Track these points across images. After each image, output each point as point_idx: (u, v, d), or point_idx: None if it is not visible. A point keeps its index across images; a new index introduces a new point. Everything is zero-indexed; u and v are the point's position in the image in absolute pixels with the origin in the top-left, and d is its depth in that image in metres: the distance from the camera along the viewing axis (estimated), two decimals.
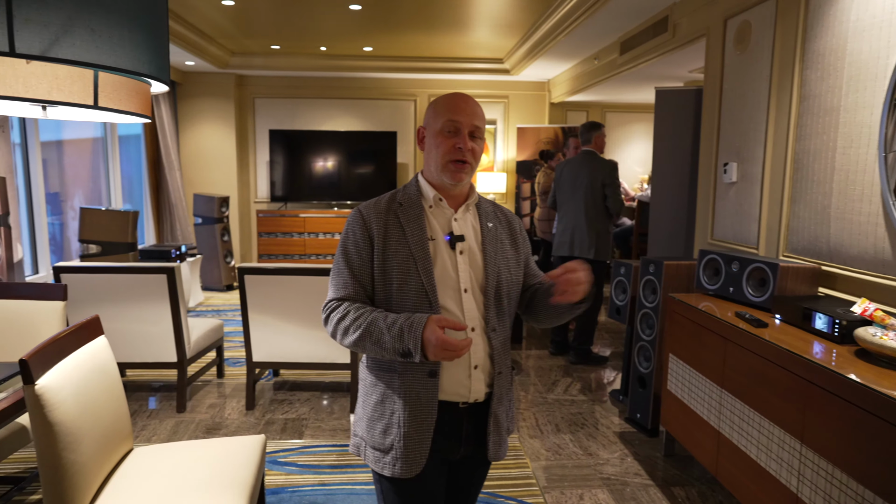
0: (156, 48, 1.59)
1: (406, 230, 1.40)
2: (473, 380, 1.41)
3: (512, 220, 1.58)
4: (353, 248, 1.42)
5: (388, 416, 1.41)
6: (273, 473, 2.78)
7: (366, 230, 1.41)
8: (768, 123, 2.98)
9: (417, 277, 1.37)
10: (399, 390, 1.39)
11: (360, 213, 1.44)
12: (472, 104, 1.42)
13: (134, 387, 3.86)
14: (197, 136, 7.45)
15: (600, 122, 4.43)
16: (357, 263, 1.41)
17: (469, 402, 1.43)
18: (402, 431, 1.38)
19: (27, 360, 1.54)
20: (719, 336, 2.43)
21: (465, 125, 1.40)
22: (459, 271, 1.41)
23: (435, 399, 1.38)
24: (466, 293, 1.41)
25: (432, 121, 1.44)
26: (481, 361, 1.43)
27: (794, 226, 2.79)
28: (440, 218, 1.45)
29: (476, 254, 1.44)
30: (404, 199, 1.45)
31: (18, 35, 1.29)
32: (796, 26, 2.75)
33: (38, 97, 1.40)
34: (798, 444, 1.93)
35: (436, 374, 1.38)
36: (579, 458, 3.00)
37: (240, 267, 3.38)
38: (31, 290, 2.53)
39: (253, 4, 5.05)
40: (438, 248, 1.41)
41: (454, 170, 1.40)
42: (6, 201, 3.75)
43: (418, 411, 1.38)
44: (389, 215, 1.42)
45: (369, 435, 1.45)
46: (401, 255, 1.38)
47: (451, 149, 1.39)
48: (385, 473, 1.41)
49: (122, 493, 1.76)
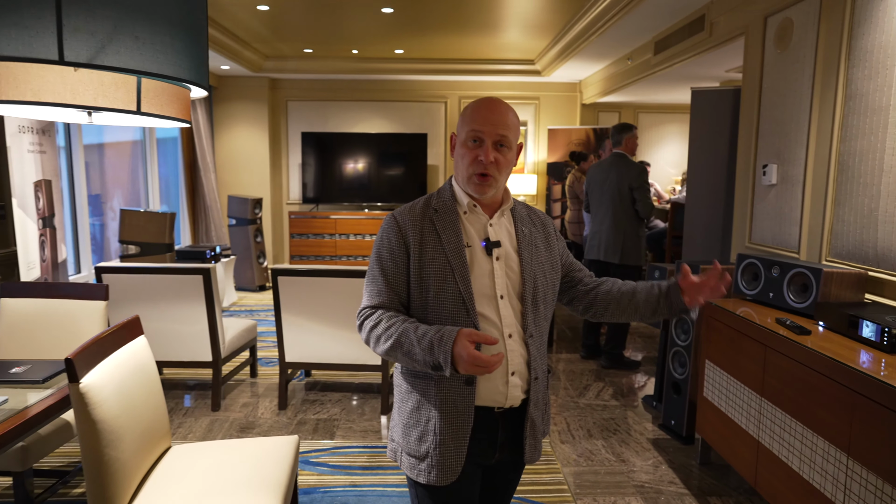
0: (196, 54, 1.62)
1: (442, 237, 1.38)
2: (510, 386, 1.40)
3: (546, 223, 1.56)
4: (387, 254, 1.40)
5: (423, 423, 1.40)
6: (305, 473, 2.81)
7: (401, 237, 1.39)
8: (811, 124, 2.89)
9: (455, 285, 1.35)
10: (435, 398, 1.38)
11: (394, 220, 1.42)
12: (498, 112, 1.37)
13: (170, 385, 3.95)
14: (231, 138, 7.60)
15: (632, 124, 4.37)
16: (392, 271, 1.40)
17: (504, 408, 1.42)
18: (438, 439, 1.37)
19: (72, 360, 1.58)
20: (759, 343, 2.36)
21: (489, 135, 1.35)
22: (496, 278, 1.39)
23: (471, 407, 1.37)
24: (503, 300, 1.39)
25: (460, 129, 1.42)
26: (518, 367, 1.41)
27: (838, 229, 2.70)
28: (475, 224, 1.43)
29: (512, 259, 1.42)
30: (439, 205, 1.43)
31: (67, 44, 1.33)
32: (842, 23, 2.66)
33: (85, 104, 1.44)
34: (844, 456, 1.86)
35: (472, 382, 1.36)
36: (612, 464, 2.96)
37: (273, 269, 3.43)
38: (75, 290, 2.61)
39: (287, 9, 5.12)
40: (475, 254, 1.39)
41: (477, 183, 1.38)
42: (51, 203, 3.87)
43: (454, 419, 1.37)
44: (425, 222, 1.40)
45: (405, 441, 1.44)
46: (438, 263, 1.36)
47: (472, 161, 1.37)
48: (420, 480, 1.40)
49: (162, 490, 1.80)
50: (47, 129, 3.84)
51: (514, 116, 1.40)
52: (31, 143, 3.66)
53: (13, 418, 1.72)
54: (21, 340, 2.56)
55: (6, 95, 1.40)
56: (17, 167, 3.52)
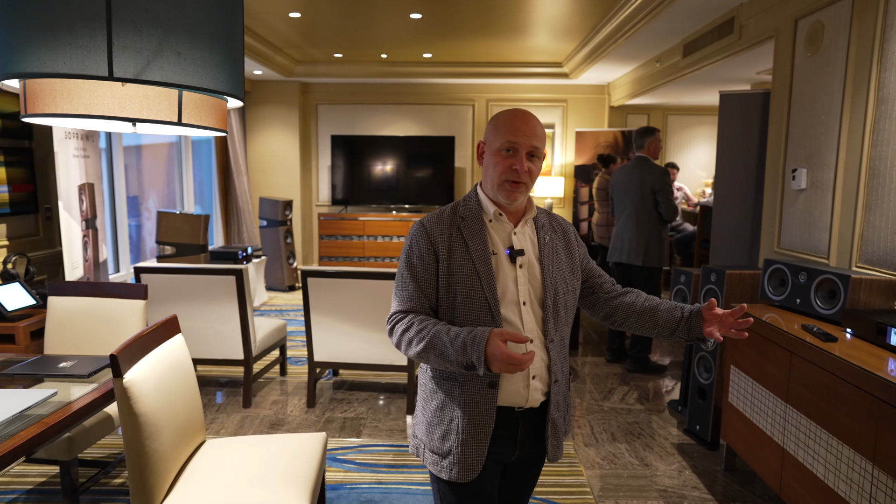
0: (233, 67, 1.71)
1: (469, 245, 1.43)
2: (531, 389, 1.45)
3: (567, 229, 1.60)
4: (417, 261, 1.45)
5: (447, 422, 1.46)
6: (332, 470, 2.89)
7: (430, 244, 1.44)
8: (841, 128, 2.86)
9: (481, 292, 1.40)
10: (459, 399, 1.44)
11: (423, 227, 1.46)
12: (531, 124, 1.43)
13: (203, 382, 4.08)
14: (263, 142, 7.78)
15: (655, 128, 4.37)
16: (422, 276, 1.44)
17: (524, 408, 1.48)
18: (461, 438, 1.43)
19: (116, 356, 1.68)
20: (784, 349, 2.35)
21: (524, 146, 1.41)
22: (519, 285, 1.44)
23: (493, 409, 1.42)
24: (525, 306, 1.44)
25: (492, 138, 1.45)
26: (539, 371, 1.46)
27: (869, 235, 2.67)
28: (500, 232, 1.48)
29: (535, 267, 1.47)
30: (466, 213, 1.48)
31: (116, 61, 1.42)
32: (874, 26, 2.63)
33: (131, 116, 1.53)
34: (870, 465, 1.85)
35: (495, 384, 1.42)
36: (635, 468, 2.96)
37: (303, 270, 3.52)
38: (117, 290, 2.73)
39: (318, 15, 5.24)
40: (500, 262, 1.44)
41: (509, 189, 1.43)
42: (94, 205, 4.05)
43: (477, 419, 1.42)
44: (453, 230, 1.45)
45: (428, 439, 1.50)
46: (465, 270, 1.42)
47: (507, 169, 1.42)
48: (443, 476, 1.47)
49: (197, 482, 1.89)
50: (91, 135, 4.01)
51: (543, 129, 1.47)
52: (76, 148, 3.83)
53: (61, 410, 1.83)
54: (67, 336, 2.70)
55: (61, 109, 1.50)
56: (63, 171, 3.69)
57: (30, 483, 2.72)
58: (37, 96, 1.52)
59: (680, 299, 3.50)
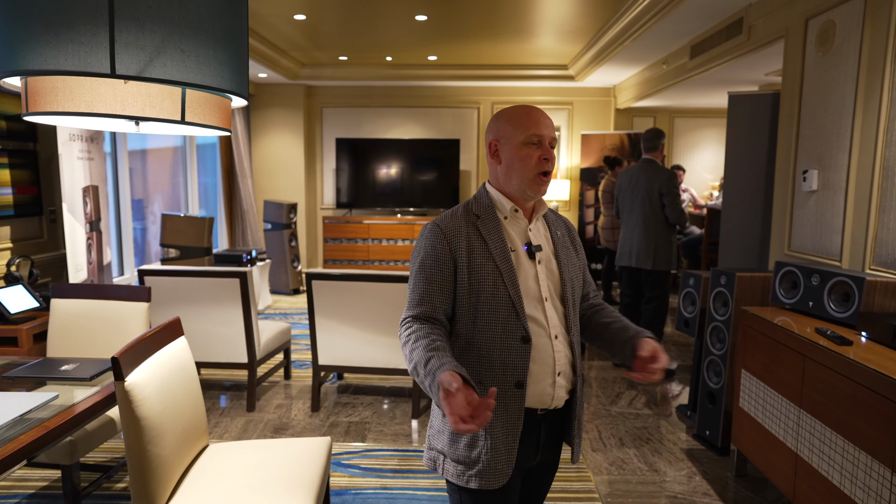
0: (237, 66, 1.68)
1: (489, 242, 1.41)
2: (557, 387, 1.43)
3: (570, 228, 1.61)
4: (432, 262, 1.40)
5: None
6: (337, 475, 2.85)
7: (447, 244, 1.40)
8: (854, 129, 2.81)
9: (504, 289, 1.38)
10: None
11: (438, 227, 1.42)
12: (546, 117, 1.45)
13: (207, 385, 4.05)
14: (268, 145, 7.77)
15: (662, 130, 4.35)
16: (437, 279, 1.40)
17: (549, 409, 1.45)
18: (490, 444, 1.38)
19: (118, 358, 1.65)
20: (797, 353, 2.30)
21: (547, 137, 1.42)
22: (540, 281, 1.43)
23: (522, 409, 1.39)
24: (547, 302, 1.43)
25: (512, 133, 1.42)
26: (564, 368, 1.45)
27: (883, 237, 2.62)
28: (516, 229, 1.46)
29: (552, 262, 1.47)
30: (480, 211, 1.45)
31: (119, 58, 1.40)
32: (888, 24, 2.59)
33: (134, 114, 1.51)
34: (889, 472, 1.80)
35: (522, 385, 1.38)
36: (644, 473, 2.92)
37: (307, 272, 3.50)
38: (120, 292, 2.71)
39: (323, 18, 5.23)
40: (519, 258, 1.43)
41: (541, 182, 1.42)
42: (98, 208, 4.03)
43: (506, 422, 1.38)
44: (469, 228, 1.42)
45: (451, 449, 1.43)
46: (487, 269, 1.39)
47: (538, 161, 1.40)
48: (471, 486, 1.39)
49: (200, 486, 1.86)
50: (95, 137, 4.00)
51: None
52: (81, 150, 3.82)
53: (63, 413, 1.81)
54: (70, 339, 2.68)
55: (63, 107, 1.48)
56: (68, 173, 3.68)
57: (32, 487, 2.69)
58: (38, 94, 1.50)
59: (689, 303, 3.46)
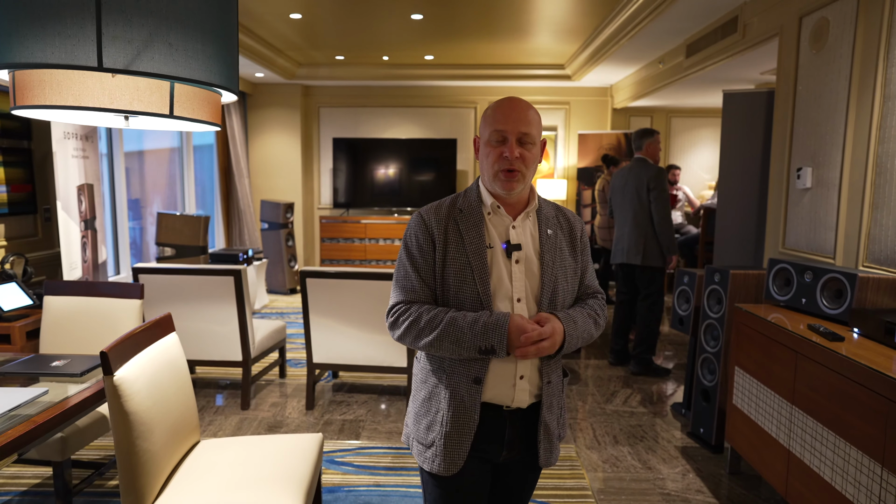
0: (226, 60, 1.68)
1: (465, 237, 1.41)
2: (517, 390, 1.43)
3: (574, 225, 1.54)
4: (416, 251, 1.43)
5: (433, 413, 1.45)
6: (330, 472, 2.85)
7: (428, 234, 1.43)
8: (847, 126, 2.81)
9: (473, 285, 1.38)
10: (445, 391, 1.43)
11: (421, 218, 1.45)
12: (519, 110, 1.40)
13: (202, 383, 4.05)
14: (265, 144, 7.77)
15: (654, 129, 4.37)
16: (423, 266, 1.43)
17: (511, 407, 1.45)
18: (444, 430, 1.42)
19: (107, 353, 1.64)
20: (790, 349, 2.30)
21: (512, 133, 1.38)
22: (514, 280, 1.41)
23: (477, 404, 1.41)
24: (519, 302, 1.41)
25: (483, 130, 1.44)
26: (528, 372, 1.43)
27: (876, 234, 2.62)
28: (499, 225, 1.45)
29: (533, 263, 1.43)
30: (464, 206, 1.46)
31: (106, 51, 1.39)
32: (880, 21, 2.59)
33: (122, 108, 1.51)
34: (879, 467, 1.80)
35: (480, 381, 1.40)
36: (638, 471, 2.91)
37: (302, 270, 3.49)
38: (113, 289, 2.71)
39: (319, 17, 5.23)
40: (496, 256, 1.41)
41: (504, 179, 1.39)
42: (93, 206, 4.03)
43: (461, 414, 1.41)
44: (450, 221, 1.43)
45: (415, 428, 1.51)
46: (459, 263, 1.40)
47: (497, 158, 1.39)
48: (425, 468, 1.47)
49: (190, 482, 1.85)
50: (90, 136, 3.99)
51: (535, 114, 1.42)
52: (75, 148, 3.81)
53: (52, 409, 1.80)
54: (62, 336, 2.67)
55: (51, 101, 1.48)
56: (62, 171, 3.67)
57: (24, 485, 2.68)
58: (26, 88, 1.50)
59: (683, 300, 3.46)
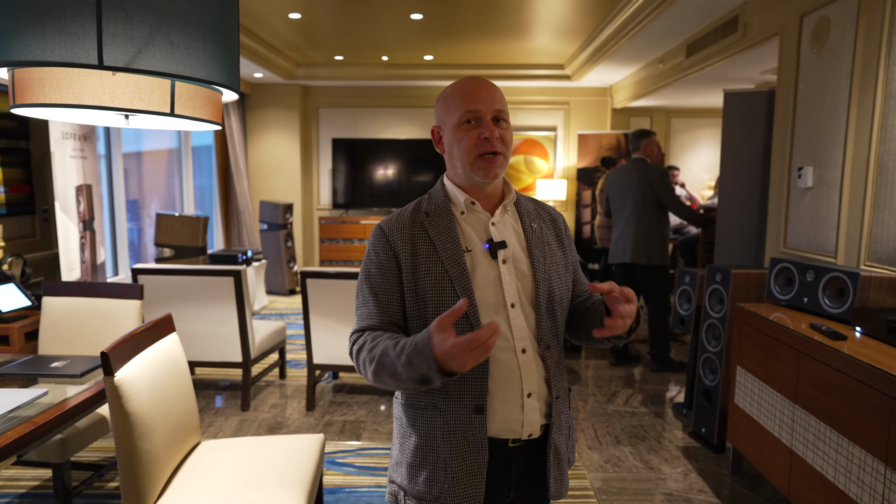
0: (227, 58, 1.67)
1: (437, 243, 1.22)
2: (527, 411, 1.22)
3: (557, 219, 1.39)
4: (376, 271, 1.25)
5: (432, 461, 1.23)
6: (331, 473, 2.83)
7: (389, 249, 1.24)
8: (848, 125, 2.81)
9: (455, 297, 1.18)
10: (443, 430, 1.21)
11: (381, 231, 1.27)
12: (487, 87, 1.24)
13: (203, 385, 4.03)
14: (264, 145, 7.75)
15: (651, 130, 4.38)
16: (382, 289, 1.24)
17: (521, 439, 1.24)
18: (452, 477, 1.20)
19: (107, 353, 1.63)
20: (792, 349, 2.30)
21: (486, 111, 1.21)
22: (504, 284, 1.22)
23: (485, 437, 1.20)
24: (514, 308, 1.22)
25: (446, 116, 1.25)
26: (535, 387, 1.23)
27: (878, 233, 2.62)
28: (475, 224, 1.26)
29: (522, 261, 1.25)
30: (431, 208, 1.27)
31: (107, 49, 1.38)
32: (882, 20, 2.59)
33: (122, 106, 1.49)
34: (882, 466, 1.79)
35: (482, 409, 1.19)
36: (639, 471, 2.90)
37: (302, 271, 3.48)
38: (112, 290, 2.69)
39: (318, 17, 5.22)
40: (476, 259, 1.22)
41: (485, 165, 1.21)
42: (91, 207, 4.01)
43: (467, 453, 1.20)
44: (416, 228, 1.25)
45: (411, 484, 1.26)
46: (433, 274, 1.20)
47: (476, 142, 1.21)
48: None
49: (191, 483, 1.84)
50: (88, 136, 3.98)
51: (501, 93, 1.27)
52: (74, 148, 3.80)
53: (51, 410, 1.79)
54: (61, 337, 2.66)
55: (50, 99, 1.47)
56: (60, 172, 3.66)
57: (23, 487, 2.67)
58: (25, 86, 1.49)
59: (685, 300, 3.45)
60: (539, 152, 7.82)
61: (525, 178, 7.86)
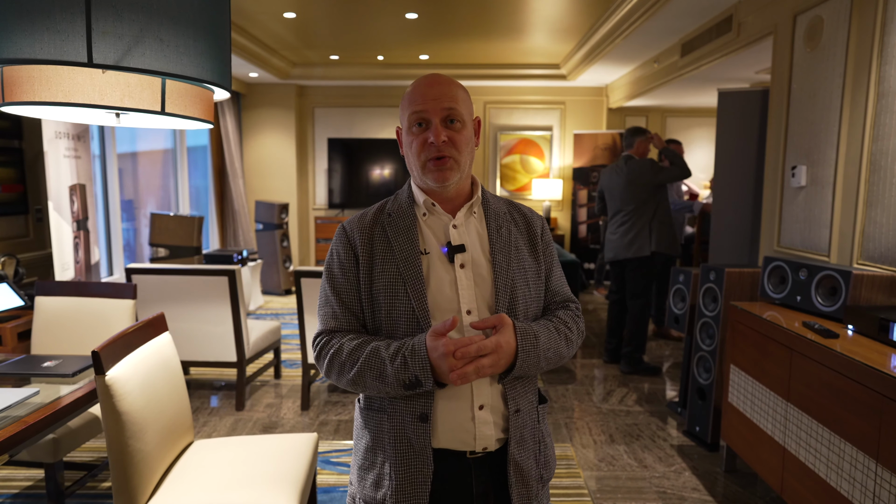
0: (218, 56, 1.67)
1: (394, 244, 1.19)
2: (479, 423, 1.17)
3: (532, 221, 1.31)
4: (338, 270, 1.23)
5: (378, 465, 1.20)
6: (325, 473, 2.83)
7: (350, 248, 1.22)
8: (841, 124, 2.82)
9: (407, 300, 1.15)
10: (388, 435, 1.18)
11: (343, 230, 1.25)
12: (440, 85, 1.19)
13: (197, 384, 4.02)
14: (259, 145, 7.74)
15: (645, 129, 4.38)
16: (345, 288, 1.22)
17: (477, 452, 1.19)
18: (395, 485, 1.16)
19: (99, 352, 1.63)
20: (785, 347, 2.30)
21: (434, 112, 1.16)
22: (460, 289, 1.17)
23: (428, 447, 1.15)
24: (470, 315, 1.17)
25: (402, 117, 1.23)
26: (488, 400, 1.18)
27: (871, 232, 2.63)
28: (436, 227, 1.23)
29: (482, 266, 1.20)
30: (394, 209, 1.25)
31: (96, 47, 1.38)
32: (874, 20, 2.60)
33: (112, 104, 1.49)
34: (873, 463, 1.80)
35: (427, 417, 1.15)
36: (634, 470, 2.91)
37: (297, 270, 3.48)
38: (105, 289, 2.69)
39: (313, 16, 5.21)
40: (433, 263, 1.19)
41: (434, 169, 1.17)
42: (85, 207, 4.00)
43: (411, 461, 1.16)
44: (376, 229, 1.23)
45: (360, 486, 1.24)
46: (388, 275, 1.18)
47: (423, 146, 1.18)
48: None
49: (183, 482, 1.84)
50: (82, 135, 3.97)
51: (461, 89, 1.22)
52: (67, 148, 3.79)
53: (42, 409, 1.78)
54: (54, 336, 2.65)
55: (40, 97, 1.46)
56: (54, 171, 3.64)
57: (16, 487, 2.66)
58: (15, 84, 1.48)
59: (679, 299, 3.46)
60: (535, 152, 7.82)
61: (521, 177, 7.86)
